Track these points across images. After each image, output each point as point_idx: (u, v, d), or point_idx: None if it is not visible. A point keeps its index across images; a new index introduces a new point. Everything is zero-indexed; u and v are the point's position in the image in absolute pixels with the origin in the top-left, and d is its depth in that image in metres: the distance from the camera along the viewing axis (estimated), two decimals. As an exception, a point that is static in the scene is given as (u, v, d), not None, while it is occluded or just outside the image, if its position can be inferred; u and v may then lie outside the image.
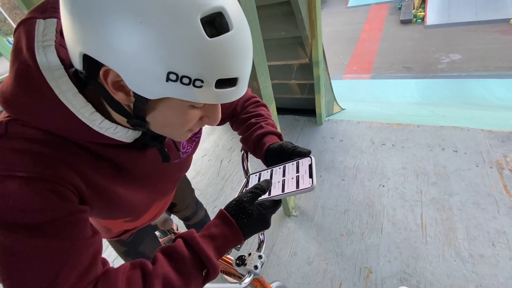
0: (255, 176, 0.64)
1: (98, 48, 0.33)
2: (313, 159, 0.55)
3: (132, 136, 0.47)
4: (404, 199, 1.72)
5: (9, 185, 0.36)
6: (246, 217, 0.49)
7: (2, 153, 0.37)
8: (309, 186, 0.50)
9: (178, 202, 1.14)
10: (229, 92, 0.38)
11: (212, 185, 2.17)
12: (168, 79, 0.34)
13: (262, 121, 0.72)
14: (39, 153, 0.38)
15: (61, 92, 0.38)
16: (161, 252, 0.46)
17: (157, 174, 0.60)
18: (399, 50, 8.25)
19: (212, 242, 0.47)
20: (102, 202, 0.49)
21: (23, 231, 0.36)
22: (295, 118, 2.73)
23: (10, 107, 0.38)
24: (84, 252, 0.41)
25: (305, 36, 1.88)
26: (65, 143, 0.41)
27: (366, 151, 2.14)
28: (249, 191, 0.51)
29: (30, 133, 0.39)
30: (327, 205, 1.80)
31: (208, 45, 0.33)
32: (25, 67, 0.37)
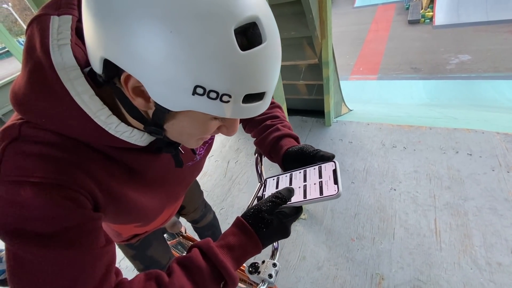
0: (273, 180, 0.60)
1: (121, 55, 0.31)
2: (337, 164, 0.52)
3: (147, 140, 0.45)
4: (417, 204, 1.67)
5: (22, 192, 0.34)
6: (265, 226, 0.46)
7: (15, 157, 0.35)
8: (334, 193, 0.47)
9: (187, 205, 1.12)
10: (255, 107, 0.36)
11: (219, 186, 2.15)
12: (195, 93, 0.31)
13: (278, 123, 0.69)
14: (54, 158, 0.36)
15: (77, 94, 0.36)
16: (177, 263, 0.43)
17: (170, 177, 0.58)
18: (407, 50, 8.14)
19: (230, 252, 0.45)
20: (115, 207, 0.47)
21: (35, 241, 0.34)
22: (303, 119, 2.70)
23: (22, 110, 0.36)
24: (98, 263, 0.39)
25: (315, 36, 1.85)
26: (79, 146, 0.39)
27: (377, 154, 2.09)
28: (269, 200, 0.48)
29: (44, 136, 0.36)
30: (336, 208, 1.76)
31: (240, 59, 0.31)
32: (39, 67, 0.35)
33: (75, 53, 0.36)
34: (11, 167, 0.34)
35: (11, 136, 0.35)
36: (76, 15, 0.39)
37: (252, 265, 0.64)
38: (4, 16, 19.40)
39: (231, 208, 1.95)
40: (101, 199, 0.42)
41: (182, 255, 0.45)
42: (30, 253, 0.34)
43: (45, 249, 0.34)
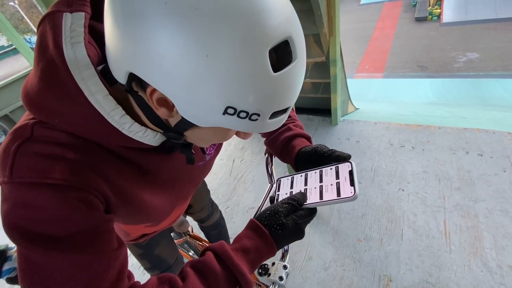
0: (287, 180, 0.58)
1: (151, 72, 0.30)
2: (353, 165, 0.50)
3: (160, 140, 0.44)
4: (426, 205, 1.65)
5: (35, 193, 0.33)
6: (281, 228, 0.45)
7: (27, 158, 0.34)
8: (351, 196, 0.45)
9: (194, 204, 1.12)
10: (279, 120, 0.37)
11: (224, 185, 2.14)
12: (225, 113, 0.32)
13: (289, 123, 0.68)
14: (67, 159, 0.35)
15: (90, 93, 0.34)
16: (191, 267, 0.42)
17: (181, 177, 0.58)
18: (414, 48, 8.03)
19: (245, 256, 0.43)
20: (127, 208, 0.46)
21: (46, 244, 0.33)
22: (309, 118, 2.67)
23: (35, 109, 0.35)
24: (111, 266, 0.38)
25: (323, 34, 1.82)
26: (92, 147, 0.38)
27: (384, 153, 2.06)
28: (286, 201, 0.47)
29: (57, 137, 0.36)
30: (343, 209, 1.75)
31: (272, 81, 0.31)
32: (52, 66, 0.34)
33: (88, 52, 0.35)
34: (24, 168, 0.34)
35: (24, 136, 0.35)
36: (89, 12, 0.38)
37: (262, 267, 0.63)
38: (10, 14, 19.58)
39: (237, 207, 1.94)
40: (113, 200, 0.41)
41: (196, 259, 0.44)
42: (42, 256, 0.33)
43: (58, 252, 0.34)
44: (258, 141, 2.48)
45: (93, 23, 0.39)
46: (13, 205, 0.33)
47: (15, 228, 0.33)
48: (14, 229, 0.33)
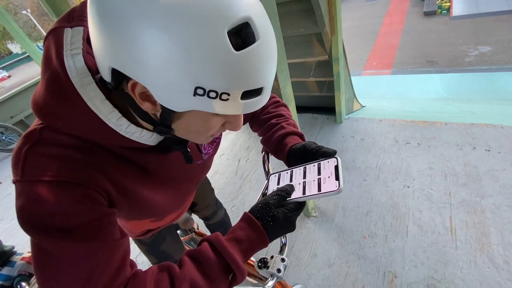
0: (275, 177, 0.62)
1: (126, 63, 0.33)
2: (339, 160, 0.53)
3: (156, 139, 0.47)
4: (431, 201, 1.64)
5: (44, 190, 0.37)
6: (272, 220, 0.47)
7: (36, 158, 0.38)
8: (335, 189, 0.48)
9: (198, 202, 1.14)
10: (254, 102, 0.38)
11: (230, 184, 2.18)
12: (196, 94, 0.34)
13: (283, 122, 0.70)
14: (71, 158, 0.39)
15: (89, 98, 0.39)
16: (188, 255, 0.46)
17: (180, 175, 0.61)
18: (423, 43, 7.87)
19: (238, 245, 0.46)
20: (129, 204, 0.49)
21: (56, 234, 0.37)
22: (313, 117, 2.68)
23: (43, 115, 0.40)
24: (114, 255, 0.41)
25: (325, 32, 1.83)
26: (95, 148, 0.42)
27: (389, 150, 2.05)
28: (275, 193, 0.50)
29: (62, 139, 0.40)
30: (348, 206, 1.75)
31: (235, 59, 0.32)
32: (56, 76, 0.38)
33: (86, 61, 0.39)
34: (33, 167, 0.38)
35: (33, 139, 0.39)
36: (87, 26, 0.42)
37: (261, 260, 0.66)
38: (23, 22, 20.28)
39: (243, 206, 1.97)
40: (115, 196, 0.45)
41: (192, 249, 0.47)
42: (53, 246, 0.37)
43: (66, 242, 0.38)
44: (263, 140, 2.50)
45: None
46: (25, 201, 0.37)
47: (28, 221, 0.37)
48: (27, 222, 0.38)
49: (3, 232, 2.39)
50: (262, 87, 0.37)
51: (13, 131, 4.04)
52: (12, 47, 30.29)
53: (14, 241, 1.24)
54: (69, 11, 0.44)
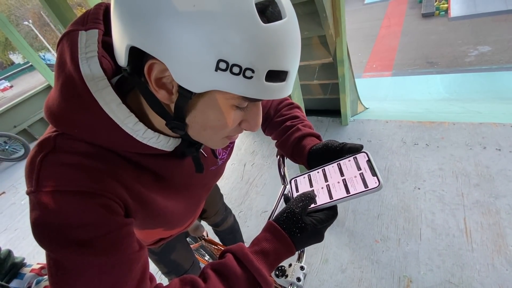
0: (303, 178, 0.56)
1: (146, 37, 0.31)
2: (369, 154, 0.49)
3: (173, 145, 0.45)
4: (444, 203, 1.60)
5: (60, 201, 0.35)
6: (300, 231, 0.45)
7: (51, 168, 0.36)
8: (376, 186, 0.44)
9: (208, 208, 1.12)
10: (278, 87, 0.36)
11: (237, 189, 2.15)
12: (218, 68, 0.31)
13: (298, 123, 0.68)
14: (88, 167, 0.37)
15: (105, 103, 0.36)
16: (212, 269, 0.43)
17: (194, 182, 0.59)
18: (422, 45, 7.90)
19: (265, 258, 0.44)
20: (144, 213, 0.47)
21: (74, 248, 0.35)
22: (318, 119, 2.66)
23: (56, 121, 0.38)
24: (134, 268, 0.39)
25: (329, 35, 1.82)
26: (110, 155, 0.40)
27: (397, 152, 2.03)
28: (299, 199, 0.47)
29: (77, 147, 0.38)
30: (358, 209, 1.72)
31: (262, 32, 0.30)
32: (70, 80, 0.36)
33: (102, 65, 0.37)
34: (48, 177, 0.36)
35: (47, 148, 0.37)
36: (102, 28, 0.40)
37: (279, 269, 0.63)
38: (25, 33, 20.52)
39: (250, 211, 1.94)
40: (131, 205, 0.43)
41: (215, 261, 0.45)
42: (70, 260, 0.35)
43: (83, 256, 0.35)
44: (268, 144, 2.48)
45: (106, 39, 0.41)
46: (41, 213, 0.35)
47: (44, 235, 0.35)
48: (43, 236, 0.35)
49: (7, 242, 2.36)
50: (287, 71, 0.35)
51: (16, 140, 4.03)
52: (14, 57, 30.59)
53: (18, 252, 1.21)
54: (83, 14, 0.42)
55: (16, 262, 0.70)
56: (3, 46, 31.04)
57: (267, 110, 0.73)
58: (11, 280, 0.67)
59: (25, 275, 0.70)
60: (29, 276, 0.70)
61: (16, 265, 0.70)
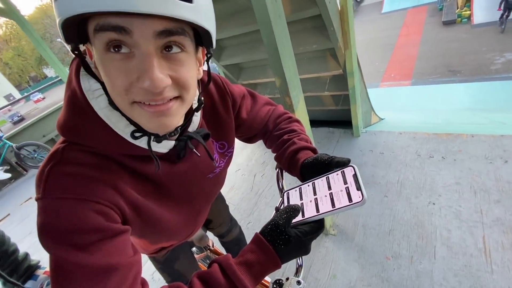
0: (295, 191, 0.58)
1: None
2: (356, 168, 0.49)
3: (166, 146, 0.49)
4: (460, 219, 1.52)
5: (62, 207, 0.39)
6: (284, 243, 0.45)
7: (57, 177, 0.40)
8: (359, 200, 0.44)
9: (213, 218, 1.14)
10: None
11: (246, 200, 2.16)
12: None
13: (295, 137, 0.69)
14: (88, 177, 0.41)
15: (100, 109, 0.41)
16: (198, 277, 0.45)
17: (192, 190, 0.61)
18: (443, 53, 7.66)
19: (249, 269, 0.45)
20: (141, 221, 0.50)
21: (73, 251, 0.38)
22: (329, 131, 2.64)
23: (63, 131, 0.43)
24: (126, 272, 0.42)
25: (338, 47, 1.83)
26: (109, 165, 0.44)
27: (411, 165, 1.96)
28: (284, 212, 0.48)
29: (81, 158, 0.42)
30: (368, 224, 1.67)
31: None
32: (74, 93, 0.42)
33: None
34: (54, 185, 0.40)
35: (55, 159, 0.41)
36: None
37: (276, 282, 0.63)
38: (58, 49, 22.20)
39: (258, 223, 1.94)
40: (129, 214, 0.46)
41: (203, 270, 0.46)
42: (67, 262, 0.38)
43: (79, 259, 0.38)
44: (278, 155, 2.49)
45: None
46: (45, 218, 0.39)
47: (46, 238, 0.39)
48: (46, 239, 0.39)
49: (31, 246, 2.50)
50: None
51: (44, 149, 4.32)
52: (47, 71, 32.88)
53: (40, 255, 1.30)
54: None
55: (31, 264, 0.75)
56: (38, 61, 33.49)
57: (266, 123, 0.75)
58: (26, 281, 0.72)
59: (38, 277, 0.75)
60: (42, 277, 0.75)
61: (31, 267, 0.75)
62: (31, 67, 35.91)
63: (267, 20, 0.91)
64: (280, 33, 0.96)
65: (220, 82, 0.65)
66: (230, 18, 1.92)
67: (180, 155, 0.51)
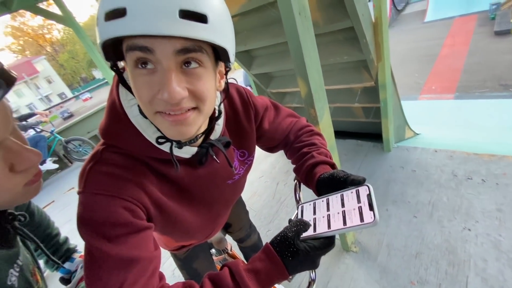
0: (309, 205, 0.58)
1: None
2: (371, 188, 0.49)
3: (189, 152, 0.53)
4: (500, 250, 1.38)
5: (96, 202, 0.45)
6: (292, 255, 0.47)
7: (95, 175, 0.47)
8: (371, 221, 0.44)
9: (233, 223, 1.17)
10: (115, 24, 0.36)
11: (267, 207, 2.17)
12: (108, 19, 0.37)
13: (314, 151, 0.70)
14: (121, 177, 0.47)
15: (133, 116, 0.48)
16: (209, 278, 0.48)
17: (212, 194, 0.65)
18: (494, 65, 7.00)
19: (256, 277, 0.47)
20: (163, 220, 0.55)
21: (102, 241, 0.44)
22: (358, 143, 2.56)
23: (103, 134, 0.50)
24: (147, 265, 0.46)
25: (370, 59, 1.79)
26: (138, 166, 0.50)
27: (446, 186, 1.83)
28: (294, 225, 0.49)
29: (116, 159, 0.48)
30: (394, 244, 1.59)
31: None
32: (113, 102, 0.49)
33: None
34: (91, 182, 0.46)
35: (95, 159, 0.48)
36: None
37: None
38: (107, 53, 24.30)
39: (277, 231, 1.90)
40: (152, 212, 0.52)
41: (214, 272, 0.50)
42: (98, 250, 0.44)
43: (108, 249, 0.44)
44: (303, 165, 2.47)
45: None
46: (82, 210, 0.45)
47: (83, 227, 0.45)
48: (82, 228, 0.45)
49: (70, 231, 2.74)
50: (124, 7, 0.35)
51: (88, 144, 4.74)
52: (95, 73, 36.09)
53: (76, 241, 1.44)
54: None
55: (70, 248, 0.84)
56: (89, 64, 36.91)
57: (287, 134, 0.77)
58: (64, 262, 0.81)
59: (75, 260, 0.82)
60: (78, 261, 0.83)
61: (70, 250, 0.84)
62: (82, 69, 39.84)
63: (295, 34, 0.93)
64: (307, 47, 0.98)
65: (244, 94, 0.69)
66: (262, 30, 1.98)
67: (202, 160, 0.56)
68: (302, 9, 0.91)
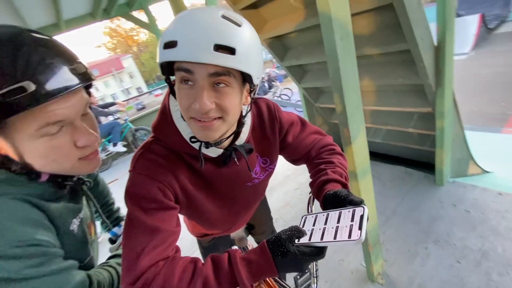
0: (311, 217, 0.63)
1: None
2: (365, 210, 0.53)
3: (215, 152, 0.65)
4: None
5: (139, 180, 0.59)
6: (281, 255, 0.52)
7: (142, 159, 0.61)
8: (356, 239, 0.48)
9: (256, 225, 1.24)
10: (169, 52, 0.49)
11: (297, 219, 2.15)
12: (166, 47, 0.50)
13: (329, 169, 0.74)
14: (160, 164, 0.61)
15: (176, 118, 0.62)
16: (211, 258, 0.58)
17: (232, 192, 0.75)
18: None
19: (248, 266, 0.54)
20: (187, 205, 0.68)
21: (139, 211, 0.57)
22: (407, 171, 2.37)
23: (154, 129, 0.65)
24: (167, 237, 0.58)
25: (428, 84, 1.69)
26: (175, 158, 0.63)
27: (505, 235, 1.58)
28: (289, 229, 0.55)
29: (159, 150, 0.62)
30: (427, 285, 1.45)
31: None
32: (164, 105, 0.64)
33: None
34: (139, 164, 0.61)
35: (145, 147, 0.63)
36: None
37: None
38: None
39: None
40: (180, 196, 0.64)
41: (217, 254, 0.59)
42: (135, 217, 0.57)
43: (143, 218, 0.57)
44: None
45: None
46: (129, 185, 0.60)
47: (127, 197, 0.59)
48: (126, 197, 0.60)
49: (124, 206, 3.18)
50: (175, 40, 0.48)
51: (152, 134, 5.38)
52: (169, 72, 39.71)
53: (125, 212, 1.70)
54: None
55: (120, 216, 1.03)
56: (165, 64, 41.03)
57: (309, 150, 0.83)
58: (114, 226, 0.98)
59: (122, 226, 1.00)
60: None
61: (119, 218, 1.03)
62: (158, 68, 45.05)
63: (335, 57, 0.98)
64: (347, 69, 1.01)
65: (272, 108, 0.77)
66: (316, 46, 2.04)
67: (226, 161, 0.67)
68: (344, 35, 0.96)
